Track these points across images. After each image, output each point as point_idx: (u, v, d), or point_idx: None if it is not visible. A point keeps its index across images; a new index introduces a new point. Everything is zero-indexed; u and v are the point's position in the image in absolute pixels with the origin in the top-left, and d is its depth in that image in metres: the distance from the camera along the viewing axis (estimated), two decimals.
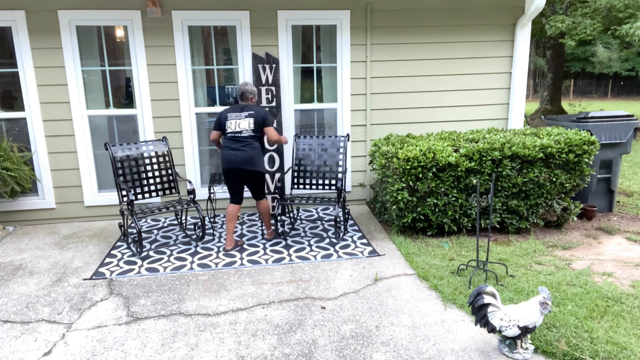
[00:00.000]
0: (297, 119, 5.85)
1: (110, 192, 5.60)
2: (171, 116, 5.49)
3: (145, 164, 4.80)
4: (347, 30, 5.60)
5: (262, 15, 5.42)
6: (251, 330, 3.17)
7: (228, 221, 4.55)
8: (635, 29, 10.72)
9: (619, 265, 4.10)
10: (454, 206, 4.63)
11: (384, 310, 3.40)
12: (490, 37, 5.89)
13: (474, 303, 2.91)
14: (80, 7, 5.09)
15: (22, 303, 3.61)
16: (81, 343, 3.06)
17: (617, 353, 2.79)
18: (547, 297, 2.76)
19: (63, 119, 5.30)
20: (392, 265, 4.16)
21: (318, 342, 3.02)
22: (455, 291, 3.61)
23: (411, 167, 4.44)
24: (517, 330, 2.76)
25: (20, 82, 5.18)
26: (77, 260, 4.41)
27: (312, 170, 5.09)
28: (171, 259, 4.38)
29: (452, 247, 4.52)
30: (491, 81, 6.02)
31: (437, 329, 3.15)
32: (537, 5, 5.48)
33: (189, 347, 2.99)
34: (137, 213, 4.42)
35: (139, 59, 5.29)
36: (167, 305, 3.52)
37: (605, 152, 5.29)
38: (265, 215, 4.74)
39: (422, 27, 5.76)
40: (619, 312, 3.26)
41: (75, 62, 5.22)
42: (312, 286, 3.79)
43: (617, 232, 4.91)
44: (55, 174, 5.43)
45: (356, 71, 5.75)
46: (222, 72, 5.63)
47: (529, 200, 4.72)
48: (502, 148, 4.56)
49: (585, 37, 12.39)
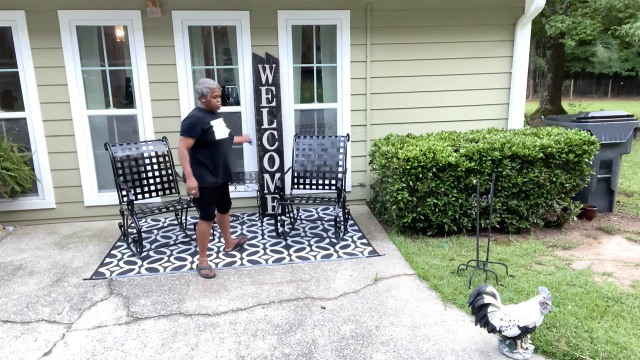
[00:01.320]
0: (297, 119, 5.85)
1: (110, 192, 5.60)
2: (171, 116, 5.49)
3: (145, 164, 4.80)
4: (347, 30, 5.60)
5: (262, 15, 5.42)
6: (251, 330, 3.17)
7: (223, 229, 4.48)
8: (635, 29, 10.71)
9: (619, 265, 4.10)
10: (454, 206, 4.63)
11: (384, 310, 3.40)
12: (490, 37, 5.89)
13: (474, 303, 2.91)
14: (80, 7, 5.09)
15: (22, 303, 3.61)
16: (81, 343, 3.06)
17: (617, 353, 2.79)
18: (547, 297, 2.76)
19: (63, 119, 5.30)
20: (392, 265, 4.16)
21: (318, 342, 3.02)
22: (455, 291, 3.61)
23: (411, 167, 4.43)
24: (517, 330, 2.76)
25: (20, 82, 5.18)
26: (77, 260, 4.41)
27: (312, 170, 5.09)
28: (171, 259, 4.38)
29: (452, 247, 4.52)
30: (491, 81, 6.02)
31: (437, 329, 3.15)
32: (537, 5, 5.48)
33: (189, 347, 2.99)
34: (137, 213, 4.42)
35: (139, 59, 5.29)
36: (167, 305, 3.52)
37: (605, 152, 5.29)
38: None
39: (422, 27, 5.76)
40: (619, 312, 3.26)
41: (75, 62, 5.22)
42: (312, 286, 3.79)
43: (617, 232, 4.91)
44: (55, 174, 5.43)
45: (356, 71, 5.75)
46: (222, 72, 5.63)
47: (529, 200, 4.72)
48: (502, 148, 4.56)
49: (585, 37, 12.39)
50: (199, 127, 3.77)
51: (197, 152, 3.85)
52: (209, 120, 3.85)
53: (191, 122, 3.76)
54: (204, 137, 3.80)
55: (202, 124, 3.78)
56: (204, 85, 3.82)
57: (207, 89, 3.81)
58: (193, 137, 3.76)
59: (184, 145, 3.77)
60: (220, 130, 3.90)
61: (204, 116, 3.84)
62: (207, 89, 3.81)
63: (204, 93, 3.83)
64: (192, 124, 3.75)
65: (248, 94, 5.60)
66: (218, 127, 3.88)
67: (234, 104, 5.70)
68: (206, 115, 3.86)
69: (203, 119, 3.81)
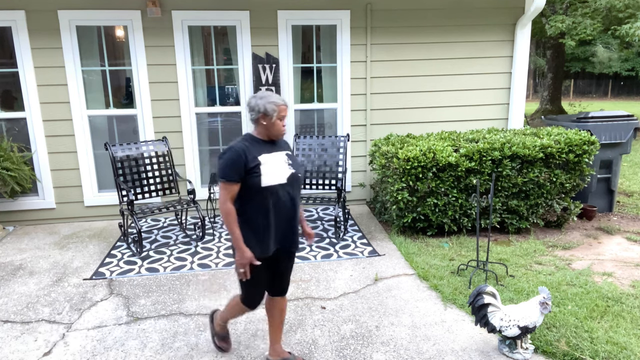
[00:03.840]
0: (297, 119, 5.85)
1: (110, 192, 5.59)
2: (171, 116, 5.49)
3: (145, 164, 4.80)
4: (347, 30, 5.60)
5: (262, 15, 5.42)
6: (251, 330, 3.17)
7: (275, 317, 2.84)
8: (635, 29, 10.71)
9: (619, 265, 4.10)
10: (454, 206, 4.63)
11: (384, 310, 3.40)
12: (490, 37, 5.89)
13: (474, 303, 2.91)
14: (80, 7, 5.09)
15: (22, 303, 3.61)
16: (81, 343, 3.06)
17: (617, 353, 2.79)
18: (547, 297, 2.76)
19: (63, 119, 5.30)
20: (392, 265, 4.16)
21: (318, 342, 3.02)
22: (455, 291, 3.61)
23: (411, 167, 4.43)
24: (517, 330, 2.76)
25: (20, 82, 5.18)
26: (77, 260, 4.41)
27: (312, 170, 5.09)
28: (171, 259, 4.38)
29: (452, 247, 4.52)
30: (491, 81, 6.02)
31: (437, 329, 3.15)
32: (537, 5, 5.48)
33: (189, 347, 2.99)
34: (137, 213, 4.42)
35: (139, 59, 5.29)
36: (167, 305, 3.52)
37: (605, 152, 5.29)
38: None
39: (422, 27, 5.76)
40: (619, 312, 3.26)
41: (75, 62, 5.22)
42: (312, 286, 3.79)
43: (617, 232, 4.91)
44: (55, 174, 5.43)
45: (356, 71, 5.75)
46: (222, 72, 5.63)
47: (529, 200, 4.72)
48: (502, 148, 4.56)
49: (585, 37, 12.39)
50: (242, 165, 2.46)
51: (237, 203, 2.54)
52: (259, 154, 2.51)
53: (230, 158, 2.45)
54: (247, 180, 2.48)
55: (247, 160, 2.47)
56: (267, 100, 2.51)
57: (274, 107, 2.50)
58: (235, 182, 2.46)
59: (226, 194, 2.48)
60: (274, 171, 2.51)
61: (253, 148, 2.52)
62: (274, 105, 2.50)
63: (268, 112, 2.50)
64: (231, 160, 2.45)
65: (248, 94, 5.60)
66: (271, 165, 2.52)
67: (234, 104, 5.71)
68: (257, 146, 2.54)
69: (248, 152, 2.48)
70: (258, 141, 2.56)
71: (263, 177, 2.47)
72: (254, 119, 2.54)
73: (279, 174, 2.52)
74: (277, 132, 2.56)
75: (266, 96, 2.52)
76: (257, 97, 2.53)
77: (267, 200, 2.51)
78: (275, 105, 2.50)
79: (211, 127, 5.71)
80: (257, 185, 2.47)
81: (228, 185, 2.46)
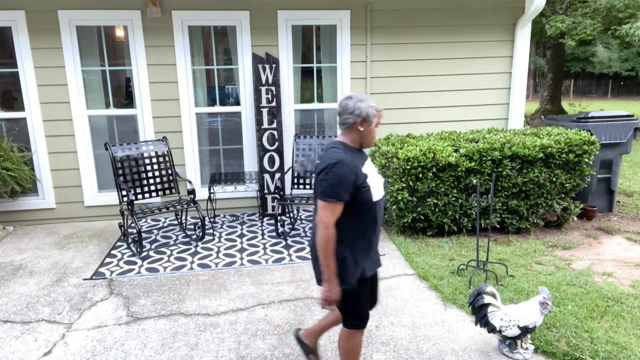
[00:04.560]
0: (297, 119, 5.85)
1: (110, 192, 5.59)
2: (171, 116, 5.49)
3: (145, 164, 4.80)
4: (347, 30, 5.60)
5: (262, 15, 5.42)
6: (251, 330, 3.17)
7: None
8: (635, 29, 10.71)
9: (619, 265, 4.10)
10: (454, 206, 4.63)
11: (384, 310, 3.40)
12: (491, 37, 5.89)
13: (474, 303, 2.91)
14: (80, 7, 5.09)
15: (22, 303, 3.61)
16: (81, 343, 3.06)
17: (617, 353, 2.79)
18: (547, 297, 2.76)
19: (63, 119, 5.30)
20: (392, 265, 4.16)
21: (318, 342, 3.02)
22: (455, 291, 3.61)
23: (411, 167, 4.43)
24: (517, 330, 2.76)
25: (20, 82, 5.18)
26: (77, 260, 4.41)
27: (312, 170, 5.09)
28: (171, 259, 4.38)
29: (452, 247, 4.52)
30: (491, 81, 6.02)
31: (437, 329, 3.15)
32: (537, 5, 5.48)
33: (189, 347, 2.99)
34: (137, 213, 4.42)
35: (139, 59, 5.29)
36: (167, 305, 3.52)
37: (605, 152, 5.29)
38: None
39: (422, 27, 5.76)
40: (619, 312, 3.26)
41: (75, 62, 5.22)
42: (312, 286, 3.79)
43: (617, 232, 4.91)
44: (55, 174, 5.43)
45: (356, 71, 5.75)
46: (222, 72, 5.63)
47: (529, 200, 4.72)
48: (502, 148, 4.56)
49: (585, 37, 12.40)
50: (352, 181, 2.13)
51: (340, 226, 2.17)
52: (362, 165, 2.22)
53: (341, 173, 2.11)
54: (357, 197, 2.16)
55: (357, 174, 2.15)
56: (368, 103, 2.20)
57: (374, 112, 2.22)
58: (344, 201, 2.14)
59: (331, 216, 2.12)
60: (377, 182, 2.26)
61: (354, 159, 2.19)
62: (375, 110, 2.22)
63: (369, 117, 2.20)
64: (342, 176, 2.11)
65: (248, 94, 5.60)
66: (373, 176, 2.25)
67: (234, 104, 5.70)
68: (355, 156, 2.22)
69: (355, 166, 2.16)
70: (353, 150, 2.23)
71: (373, 191, 2.19)
72: (350, 123, 2.19)
73: (379, 185, 2.28)
74: (371, 140, 2.28)
75: (365, 99, 2.21)
76: (355, 99, 2.19)
77: (377, 215, 2.25)
78: (375, 110, 2.23)
79: (211, 127, 5.71)
80: (369, 201, 2.18)
81: (335, 205, 2.10)
